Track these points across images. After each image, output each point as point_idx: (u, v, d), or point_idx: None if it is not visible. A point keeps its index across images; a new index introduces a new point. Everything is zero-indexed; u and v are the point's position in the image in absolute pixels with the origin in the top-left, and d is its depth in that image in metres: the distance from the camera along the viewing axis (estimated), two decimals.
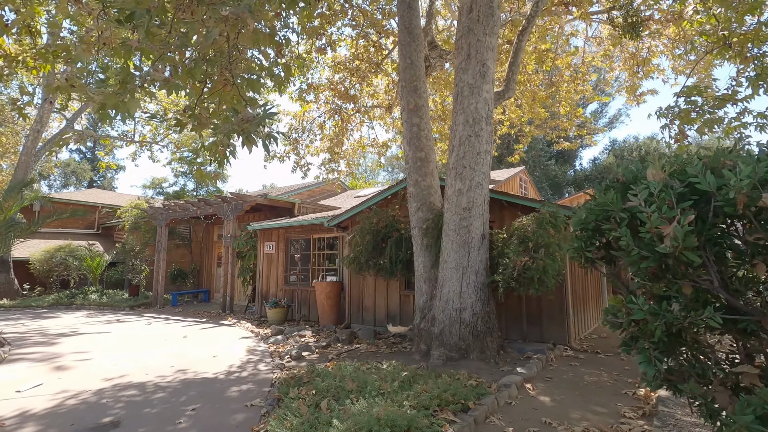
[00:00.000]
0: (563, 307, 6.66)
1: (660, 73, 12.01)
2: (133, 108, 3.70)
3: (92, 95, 3.98)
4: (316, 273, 10.65)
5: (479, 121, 5.41)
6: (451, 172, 5.65)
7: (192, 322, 10.31)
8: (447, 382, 4.22)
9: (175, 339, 8.07)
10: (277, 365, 5.87)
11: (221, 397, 4.55)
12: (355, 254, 7.49)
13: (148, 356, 6.57)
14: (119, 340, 7.97)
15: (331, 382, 4.37)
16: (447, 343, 5.50)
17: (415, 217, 6.49)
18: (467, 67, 5.39)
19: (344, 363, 5.39)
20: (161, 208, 14.34)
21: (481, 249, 5.60)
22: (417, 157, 6.68)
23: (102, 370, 5.75)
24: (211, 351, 6.95)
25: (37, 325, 10.07)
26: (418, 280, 6.33)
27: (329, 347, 7.09)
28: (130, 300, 14.40)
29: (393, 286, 8.63)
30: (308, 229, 10.74)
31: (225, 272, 12.08)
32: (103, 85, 3.78)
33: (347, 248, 9.43)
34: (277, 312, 9.94)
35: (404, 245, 7.00)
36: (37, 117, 16.23)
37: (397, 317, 8.51)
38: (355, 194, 19.37)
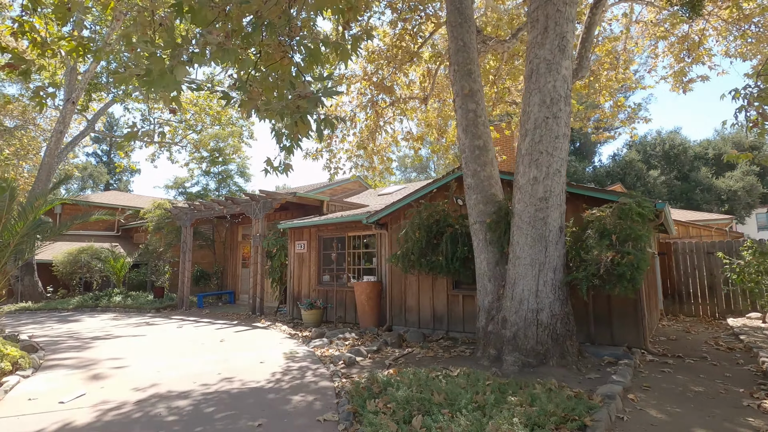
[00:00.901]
0: (638, 305, 6.07)
1: (709, 58, 11.29)
2: (180, 75, 3.24)
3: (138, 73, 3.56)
4: (352, 273, 10.18)
5: (557, 101, 4.88)
6: (523, 158, 5.12)
7: (224, 325, 9.91)
8: (543, 394, 3.69)
9: (212, 343, 7.65)
10: (333, 372, 5.39)
11: (285, 410, 4.09)
12: (404, 251, 6.99)
13: (190, 362, 6.15)
14: (155, 345, 7.58)
15: (409, 393, 3.87)
16: (522, 348, 4.97)
17: (475, 211, 5.97)
18: (544, 42, 4.87)
19: (408, 370, 4.89)
20: (186, 208, 14.01)
21: (559, 243, 5.06)
22: (475, 145, 6.17)
23: (145, 378, 5.33)
24: (254, 356, 6.51)
25: (66, 329, 9.76)
26: (481, 278, 5.80)
27: (380, 352, 6.60)
28: (155, 302, 14.09)
29: (439, 285, 8.11)
30: (343, 227, 10.27)
31: (254, 273, 11.68)
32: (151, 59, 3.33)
33: (388, 246, 8.95)
34: (313, 314, 9.49)
35: (460, 241, 6.49)
36: (60, 118, 16.06)
37: (445, 319, 7.99)
38: (379, 192, 18.89)
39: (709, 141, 38.55)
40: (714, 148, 36.49)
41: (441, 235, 6.76)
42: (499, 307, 5.38)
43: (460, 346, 6.79)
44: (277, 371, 5.57)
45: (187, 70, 3.30)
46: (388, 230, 9.04)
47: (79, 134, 17.99)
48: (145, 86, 3.17)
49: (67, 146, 17.38)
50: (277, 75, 3.91)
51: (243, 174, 18.96)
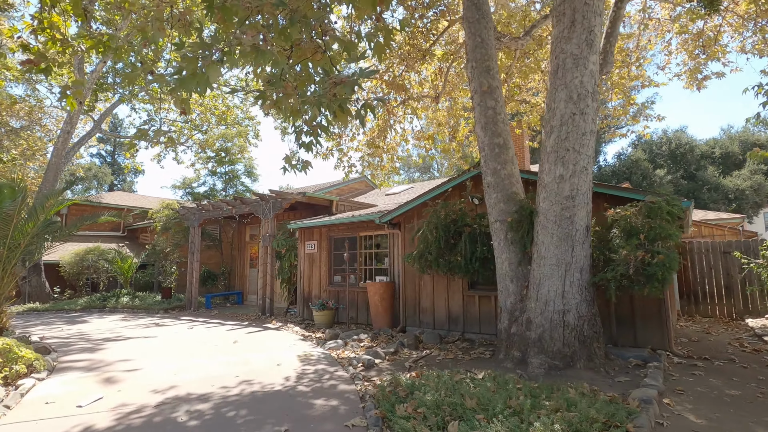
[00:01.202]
0: (662, 306, 5.94)
1: (723, 54, 11.12)
2: (213, 76, 3.14)
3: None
4: (363, 273, 10.07)
5: (584, 97, 4.76)
6: (549, 156, 5.00)
7: (235, 326, 9.82)
8: (579, 399, 3.57)
9: (225, 344, 7.56)
10: (352, 375, 5.28)
11: (309, 415, 3.98)
12: (421, 251, 6.88)
13: (206, 364, 6.05)
14: (167, 346, 7.49)
15: (437, 397, 3.76)
16: (548, 350, 4.85)
17: (496, 210, 5.85)
18: (570, 36, 4.75)
19: (430, 373, 4.78)
20: (194, 208, 13.93)
21: (585, 243, 4.94)
22: (494, 143, 6.05)
23: (162, 381, 5.24)
24: (269, 358, 6.41)
25: (75, 330, 9.69)
26: (502, 279, 5.68)
27: (398, 353, 6.49)
28: (163, 303, 14.02)
29: (455, 286, 8.00)
30: (354, 226, 10.17)
31: (263, 273, 11.59)
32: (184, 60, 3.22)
33: (401, 245, 8.84)
34: (325, 314, 9.38)
35: (479, 241, 6.37)
36: (67, 118, 16.01)
37: (460, 320, 7.87)
38: (385, 192, 18.79)
39: (716, 140, 38.28)
40: (721, 146, 36.22)
41: (459, 234, 6.64)
42: (523, 308, 5.26)
43: (479, 348, 6.67)
44: (295, 374, 5.46)
45: (220, 71, 3.20)
46: (401, 230, 8.93)
47: (85, 134, 17.95)
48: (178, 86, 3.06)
49: (74, 146, 17.34)
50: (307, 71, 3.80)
51: (250, 174, 18.89)
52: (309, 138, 5.24)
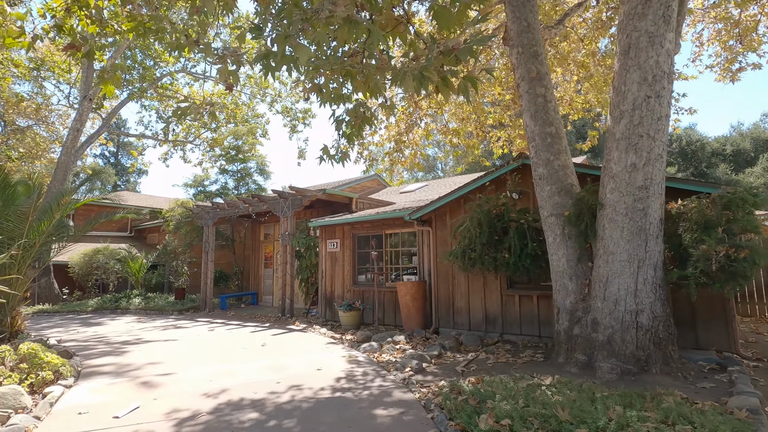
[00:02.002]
0: (726, 306, 5.57)
1: (759, 44, 10.73)
2: (303, 56, 2.79)
3: None
4: (390, 272, 9.71)
5: (660, 79, 4.39)
6: (618, 143, 4.63)
7: (257, 328, 9.45)
8: (678, 408, 3.20)
9: (254, 347, 7.19)
10: (403, 380, 4.92)
11: (375, 426, 3.61)
12: (463, 248, 6.50)
13: (241, 369, 5.68)
14: (193, 350, 7.12)
15: (515, 408, 3.39)
16: (620, 353, 4.48)
17: (550, 203, 5.48)
18: (645, 12, 4.38)
19: (492, 378, 4.41)
20: (208, 207, 13.57)
21: (659, 237, 4.57)
22: (546, 132, 5.68)
23: (198, 387, 4.87)
24: (307, 362, 6.04)
25: (92, 332, 9.33)
26: (559, 276, 5.31)
27: (442, 357, 6.11)
28: (176, 304, 13.66)
29: (492, 284, 7.63)
30: (379, 224, 9.80)
31: (283, 273, 11.22)
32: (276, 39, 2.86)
33: (433, 243, 8.47)
34: (352, 315, 9.02)
35: (528, 236, 6.00)
36: (76, 116, 15.66)
37: (498, 320, 7.50)
38: (401, 190, 18.41)
39: (726, 137, 37.87)
40: (732, 143, 35.80)
41: (504, 230, 6.27)
42: (587, 308, 4.89)
43: (526, 351, 6.30)
44: (340, 378, 5.10)
45: (310, 50, 2.84)
46: (432, 227, 8.56)
47: (94, 132, 17.58)
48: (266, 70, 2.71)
49: (83, 144, 16.98)
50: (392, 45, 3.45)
51: (263, 172, 18.51)
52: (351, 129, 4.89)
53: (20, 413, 4.03)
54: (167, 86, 18.26)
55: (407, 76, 2.99)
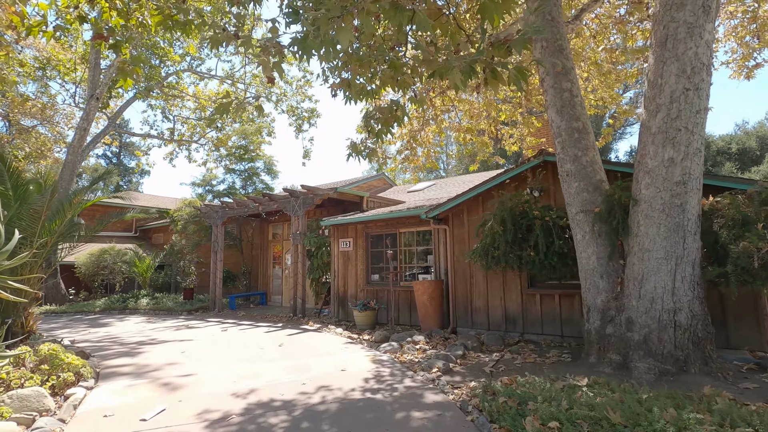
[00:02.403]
0: (758, 304, 5.46)
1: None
2: (344, 39, 2.68)
3: None
4: (404, 271, 9.60)
5: (699, 71, 4.28)
6: (654, 137, 4.52)
7: (270, 328, 9.34)
8: (729, 409, 3.09)
9: (271, 348, 7.08)
10: (432, 380, 4.81)
11: (413, 429, 3.50)
12: (486, 246, 6.39)
13: (264, 369, 5.56)
14: (210, 350, 7.02)
15: (559, 410, 3.28)
16: (657, 353, 4.37)
17: (578, 199, 5.37)
18: (684, 2, 4.26)
19: (525, 379, 4.30)
20: (217, 206, 13.47)
21: (697, 234, 4.46)
22: (573, 127, 5.57)
23: (224, 388, 4.76)
24: (329, 362, 5.93)
25: (104, 333, 9.22)
26: (589, 274, 5.20)
27: (466, 357, 6.00)
28: (185, 304, 13.56)
29: (511, 283, 7.51)
30: (394, 223, 9.69)
31: (294, 273, 11.11)
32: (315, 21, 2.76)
33: (450, 242, 8.36)
34: (367, 315, 8.90)
35: (555, 234, 5.89)
36: (83, 115, 15.54)
37: (519, 320, 7.39)
38: (408, 189, 18.31)
39: (731, 135, 37.73)
40: (737, 142, 35.66)
41: (529, 227, 6.16)
42: (620, 306, 4.77)
43: (551, 350, 6.19)
44: (367, 379, 4.99)
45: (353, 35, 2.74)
46: (449, 225, 8.45)
47: (100, 132, 17.48)
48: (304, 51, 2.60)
49: (89, 144, 16.88)
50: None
51: (270, 171, 18.37)
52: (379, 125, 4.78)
53: (44, 416, 3.92)
54: (174, 85, 18.16)
55: (454, 70, 2.88)
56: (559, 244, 5.74)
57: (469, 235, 8.17)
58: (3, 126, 21.58)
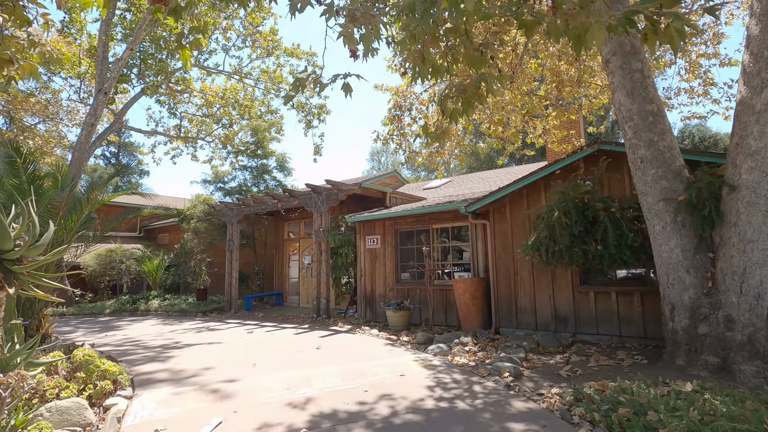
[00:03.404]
0: None
1: None
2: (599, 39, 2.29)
3: None
4: (439, 269, 9.15)
5: None
6: (759, 116, 4.10)
7: (298, 329, 8.86)
8: None
9: (308, 350, 6.62)
10: (506, 386, 4.36)
11: None
12: (543, 240, 5.95)
13: (313, 375, 5.10)
14: (243, 353, 6.54)
15: (697, 421, 2.85)
16: (766, 355, 3.94)
17: (656, 188, 4.94)
18: None
19: (623, 384, 3.86)
20: (233, 203, 12.99)
21: None
22: (647, 111, 5.14)
23: (276, 397, 4.30)
24: (380, 366, 5.46)
25: (121, 336, 8.72)
26: (672, 269, 4.77)
27: (528, 360, 5.55)
28: (199, 305, 13.05)
29: (561, 280, 7.09)
30: (426, 218, 9.24)
31: (317, 272, 10.64)
32: None
33: (491, 237, 7.92)
34: (402, 315, 8.45)
35: (625, 225, 5.46)
36: (91, 110, 14.98)
37: (571, 319, 6.95)
38: (424, 186, 17.89)
39: None
40: None
41: (592, 220, 5.72)
42: (714, 303, 4.34)
43: (617, 352, 5.75)
44: (431, 386, 4.53)
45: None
46: (489, 220, 8.01)
47: (107, 128, 16.91)
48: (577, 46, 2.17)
49: (96, 141, 16.34)
50: None
51: (283, 168, 17.86)
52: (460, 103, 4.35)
53: (87, 431, 3.46)
54: (182, 79, 17.66)
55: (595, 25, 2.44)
56: (631, 237, 5.30)
57: (513, 230, 7.74)
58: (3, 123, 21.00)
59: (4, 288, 3.53)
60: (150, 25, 14.46)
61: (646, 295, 6.30)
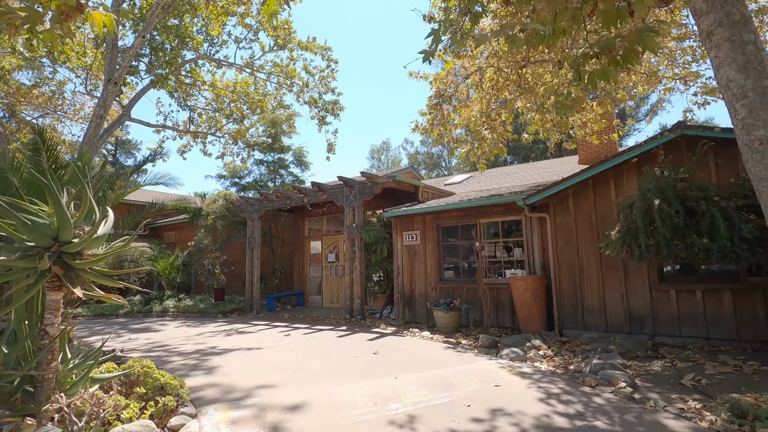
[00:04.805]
0: None
1: None
2: None
3: None
4: (481, 266, 8.56)
5: None
6: None
7: (337, 332, 8.23)
8: None
9: (366, 356, 5.99)
10: (628, 398, 3.77)
11: None
12: (633, 233, 5.36)
13: (394, 386, 4.47)
14: (296, 360, 5.90)
15: None
16: None
17: None
18: None
19: None
20: (253, 199, 12.33)
21: None
22: (764, 86, 4.55)
23: (370, 413, 3.67)
24: (463, 374, 4.86)
25: (145, 340, 8.06)
26: None
27: (630, 368, 4.96)
28: (218, 305, 12.37)
29: (636, 278, 6.53)
30: (473, 212, 8.65)
31: (350, 270, 10.02)
32: None
33: (550, 231, 7.35)
34: (452, 317, 7.85)
35: (736, 216, 4.89)
36: (100, 101, 14.22)
37: (648, 320, 6.39)
38: (445, 182, 17.31)
39: None
40: None
41: (691, 210, 5.15)
42: None
43: (718, 356, 5.19)
44: (541, 398, 3.94)
45: None
46: (549, 213, 7.44)
47: (114, 121, 16.09)
48: None
49: (104, 134, 15.60)
50: None
51: (301, 162, 17.17)
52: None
53: None
54: (195, 70, 16.96)
55: None
56: (747, 229, 4.73)
57: (577, 224, 7.17)
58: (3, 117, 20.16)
59: (63, 288, 2.89)
60: (163, 12, 13.74)
61: (739, 294, 5.76)
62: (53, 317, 2.85)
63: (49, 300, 2.86)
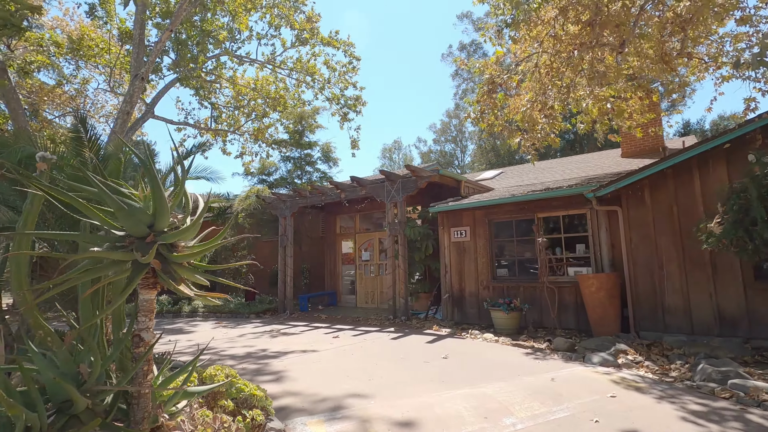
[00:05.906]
0: None
1: None
2: None
3: None
4: (545, 264, 8.03)
5: None
6: None
7: (389, 333, 7.75)
8: None
9: (436, 361, 5.50)
10: None
11: None
12: (746, 224, 4.81)
13: (497, 397, 3.97)
14: (362, 365, 5.43)
15: None
16: None
17: None
18: None
19: None
20: (286, 195, 11.93)
21: None
22: None
23: (486, 430, 3.19)
24: (560, 383, 4.35)
25: (186, 342, 7.67)
26: None
27: (753, 375, 4.42)
28: (249, 305, 11.96)
29: (726, 275, 5.95)
30: (531, 206, 8.11)
31: (393, 268, 9.54)
32: None
33: (622, 225, 6.80)
34: (513, 317, 7.33)
35: None
36: (127, 97, 13.94)
37: (743, 321, 5.81)
38: (475, 177, 16.75)
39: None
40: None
41: None
42: None
43: None
44: (683, 416, 3.41)
45: None
46: (621, 206, 6.89)
47: (139, 118, 15.77)
48: None
49: (128, 131, 15.31)
50: None
51: (328, 159, 16.73)
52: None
53: None
54: (220, 65, 16.63)
55: None
56: None
57: (654, 218, 6.61)
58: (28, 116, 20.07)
59: (158, 285, 2.44)
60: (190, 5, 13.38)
61: None
62: (147, 320, 2.41)
63: (142, 300, 2.41)
